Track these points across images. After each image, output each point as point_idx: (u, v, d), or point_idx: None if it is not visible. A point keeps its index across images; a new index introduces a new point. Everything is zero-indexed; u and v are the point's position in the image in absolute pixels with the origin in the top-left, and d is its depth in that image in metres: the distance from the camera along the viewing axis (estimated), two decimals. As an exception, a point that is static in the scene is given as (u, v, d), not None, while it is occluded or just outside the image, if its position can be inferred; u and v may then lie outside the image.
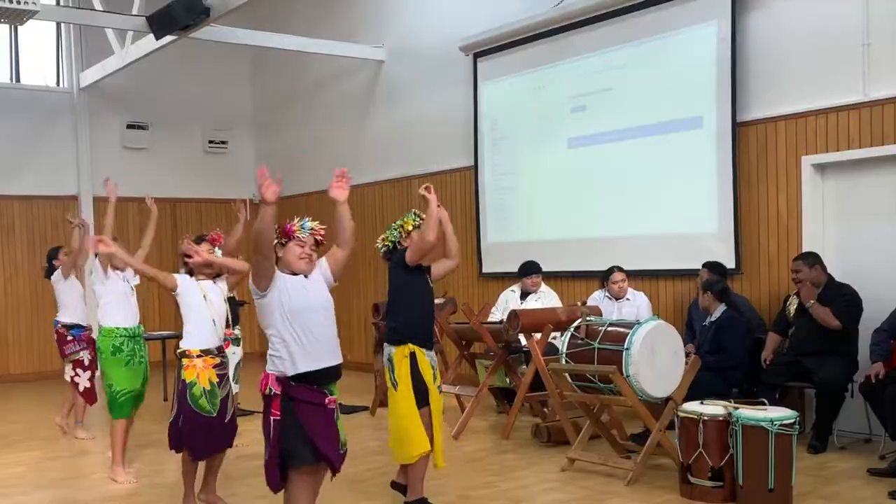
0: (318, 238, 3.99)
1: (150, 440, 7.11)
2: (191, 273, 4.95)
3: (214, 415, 4.78)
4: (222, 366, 4.89)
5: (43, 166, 11.57)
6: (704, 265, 7.01)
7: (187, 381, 4.74)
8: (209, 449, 4.88)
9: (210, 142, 12.83)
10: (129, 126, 12.13)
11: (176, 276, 4.98)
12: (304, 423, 3.71)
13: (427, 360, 4.83)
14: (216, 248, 6.01)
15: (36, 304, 11.39)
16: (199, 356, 4.79)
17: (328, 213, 12.42)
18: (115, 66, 10.68)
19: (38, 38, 11.91)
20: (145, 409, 6.33)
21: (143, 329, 6.28)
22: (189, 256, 4.89)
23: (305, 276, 3.91)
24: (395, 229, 5.03)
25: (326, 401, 3.79)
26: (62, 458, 6.60)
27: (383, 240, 5.06)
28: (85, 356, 7.23)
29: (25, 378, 11.26)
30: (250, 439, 6.22)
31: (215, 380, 4.80)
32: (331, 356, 3.81)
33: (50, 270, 7.52)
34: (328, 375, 3.81)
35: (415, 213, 5.03)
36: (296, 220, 3.96)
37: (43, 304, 11.31)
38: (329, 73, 11.68)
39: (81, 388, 7.19)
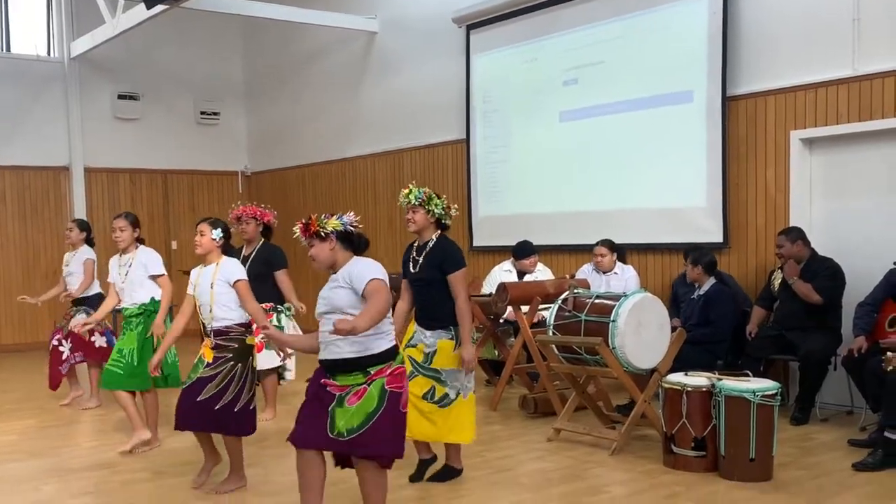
0: (314, 230, 3.83)
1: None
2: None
3: (184, 385, 4.76)
4: (217, 347, 4.74)
5: (33, 137, 11.52)
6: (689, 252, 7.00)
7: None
8: (184, 421, 4.77)
9: (202, 113, 12.77)
10: (121, 96, 12.06)
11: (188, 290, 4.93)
12: (302, 406, 3.85)
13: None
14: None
15: (27, 274, 11.40)
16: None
17: (319, 186, 12.47)
18: (106, 36, 10.62)
19: (29, 6, 11.83)
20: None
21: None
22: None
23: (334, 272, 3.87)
24: (441, 205, 4.82)
25: (324, 381, 3.80)
26: (55, 427, 6.65)
27: (430, 204, 4.80)
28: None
29: (18, 348, 11.28)
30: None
31: (208, 359, 4.75)
32: (328, 351, 3.81)
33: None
34: (331, 367, 3.80)
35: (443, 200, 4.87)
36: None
37: (34, 275, 11.36)
38: (321, 45, 11.62)
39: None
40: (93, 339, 7.18)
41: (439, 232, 4.85)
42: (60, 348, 7.30)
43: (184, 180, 12.70)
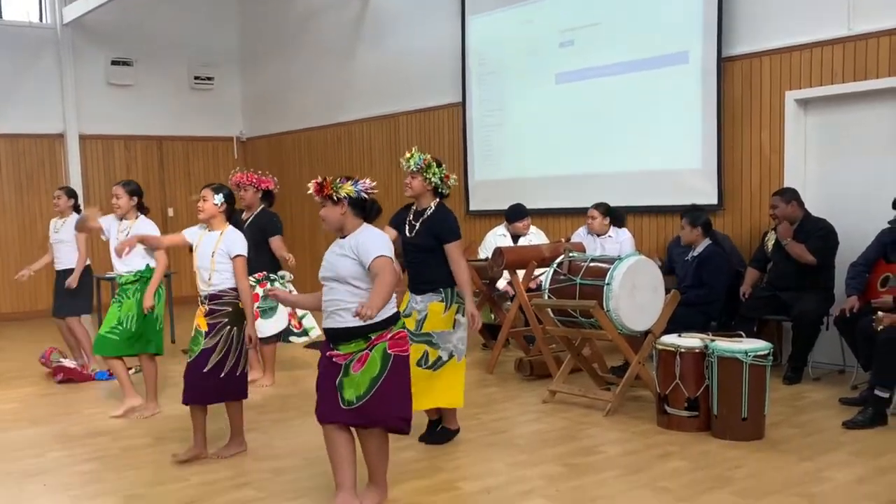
0: (327, 193, 3.83)
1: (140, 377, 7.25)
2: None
3: (190, 359, 4.78)
4: (210, 313, 4.76)
5: (27, 104, 11.46)
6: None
7: None
8: (190, 396, 4.79)
9: (196, 78, 12.69)
10: (114, 62, 11.98)
11: (184, 232, 5.02)
12: (317, 382, 3.93)
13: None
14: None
15: (24, 242, 11.42)
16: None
17: (315, 151, 12.43)
18: (99, 1, 10.52)
19: (19, -28, 11.72)
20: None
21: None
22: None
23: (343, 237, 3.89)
24: (439, 175, 4.83)
25: (329, 353, 3.86)
26: (55, 395, 6.71)
27: (428, 171, 4.81)
28: None
29: (16, 317, 11.35)
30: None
31: (203, 328, 4.79)
32: (330, 320, 3.84)
33: None
34: (333, 336, 3.85)
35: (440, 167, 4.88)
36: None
37: (31, 243, 11.37)
38: (316, 8, 11.52)
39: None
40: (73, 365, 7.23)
41: (438, 200, 4.87)
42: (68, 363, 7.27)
43: (179, 147, 12.66)
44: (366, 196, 3.86)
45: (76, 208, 7.50)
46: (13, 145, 11.45)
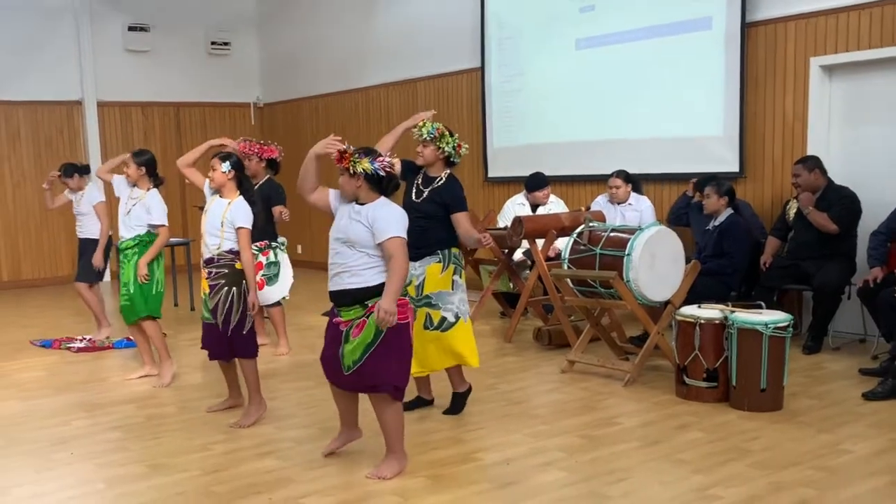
0: (346, 166, 3.89)
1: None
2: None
3: (212, 321, 4.94)
4: (212, 276, 4.92)
5: (46, 71, 11.45)
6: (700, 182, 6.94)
7: None
8: (211, 353, 5.06)
9: (213, 43, 12.62)
10: (131, 28, 11.92)
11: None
12: (323, 348, 4.12)
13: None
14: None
15: (43, 209, 11.44)
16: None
17: (332, 117, 12.40)
18: (114, -33, 10.47)
19: (34, -63, 11.62)
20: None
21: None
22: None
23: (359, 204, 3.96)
24: (452, 144, 4.83)
25: (335, 320, 3.99)
26: (79, 363, 6.79)
27: (441, 141, 4.81)
28: None
29: (37, 283, 11.47)
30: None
31: (206, 290, 4.96)
32: (333, 283, 3.95)
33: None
34: (335, 298, 3.96)
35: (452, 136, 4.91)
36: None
37: (51, 211, 11.40)
38: (332, -28, 11.41)
39: None
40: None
41: (448, 171, 4.88)
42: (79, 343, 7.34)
43: (196, 113, 12.64)
44: (382, 174, 3.89)
45: (81, 171, 7.58)
46: (32, 112, 11.48)
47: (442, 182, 4.83)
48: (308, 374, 6.11)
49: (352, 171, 3.87)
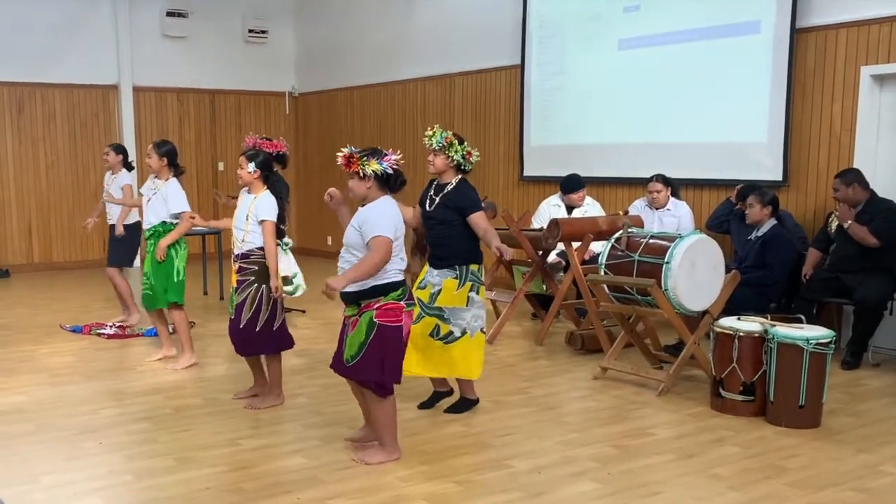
0: (356, 170, 4.03)
1: (194, 333, 7.32)
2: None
3: (232, 317, 5.07)
4: (241, 272, 5.01)
5: (83, 54, 11.49)
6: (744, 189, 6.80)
7: None
8: (235, 349, 5.17)
9: (250, 31, 12.58)
10: (169, 14, 11.92)
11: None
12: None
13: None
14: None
15: (77, 192, 11.56)
16: None
17: (367, 109, 12.33)
18: (155, -48, 10.46)
19: (76, -80, 11.66)
20: (188, 304, 6.46)
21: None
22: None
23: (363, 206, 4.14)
24: (461, 152, 4.84)
25: (344, 316, 4.21)
26: (110, 350, 6.80)
27: (450, 149, 4.83)
28: None
29: (67, 266, 11.53)
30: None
31: (234, 284, 5.08)
32: None
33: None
34: (341, 298, 4.08)
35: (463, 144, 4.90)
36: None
37: (84, 193, 11.52)
38: (373, -39, 11.34)
39: None
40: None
41: (460, 177, 4.90)
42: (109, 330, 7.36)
43: (231, 100, 12.64)
44: (391, 172, 4.02)
45: (127, 165, 7.59)
46: (68, 96, 11.52)
47: (452, 187, 4.87)
48: (337, 370, 6.06)
49: (362, 174, 4.00)
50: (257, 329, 4.99)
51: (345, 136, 12.01)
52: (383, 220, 3.97)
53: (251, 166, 5.00)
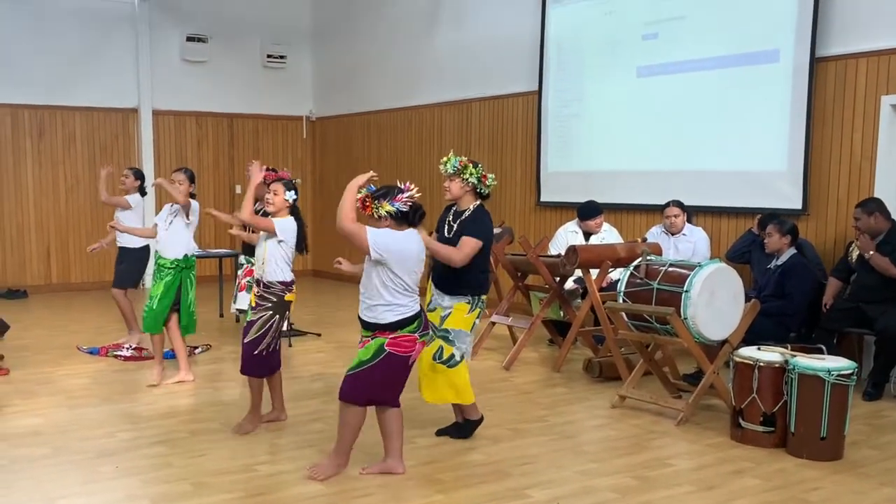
0: (370, 213, 4.18)
1: (210, 357, 7.33)
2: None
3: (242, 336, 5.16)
4: (260, 297, 5.09)
5: (103, 78, 11.61)
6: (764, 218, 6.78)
7: None
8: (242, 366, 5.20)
9: (268, 56, 12.70)
10: (189, 38, 12.04)
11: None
12: None
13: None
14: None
15: (96, 215, 11.61)
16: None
17: (384, 134, 12.40)
18: (177, -23, 10.59)
19: (100, -54, 11.83)
20: (204, 326, 6.52)
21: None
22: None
23: None
24: (477, 175, 4.86)
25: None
26: (126, 371, 6.81)
27: (465, 172, 4.85)
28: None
29: (85, 287, 11.58)
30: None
31: (252, 304, 5.15)
32: (360, 306, 4.25)
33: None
34: (361, 323, 4.25)
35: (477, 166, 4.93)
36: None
37: (103, 216, 11.52)
38: (391, -12, 11.43)
39: None
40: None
41: (478, 202, 4.90)
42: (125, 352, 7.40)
43: (249, 124, 12.73)
44: (405, 209, 4.09)
45: (141, 190, 7.66)
46: (88, 119, 11.64)
47: (470, 213, 4.87)
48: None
49: (376, 216, 4.11)
50: (255, 352, 5.06)
51: (361, 160, 12.07)
52: (384, 232, 4.07)
53: (290, 195, 5.13)
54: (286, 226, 5.09)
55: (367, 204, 4.15)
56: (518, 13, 9.52)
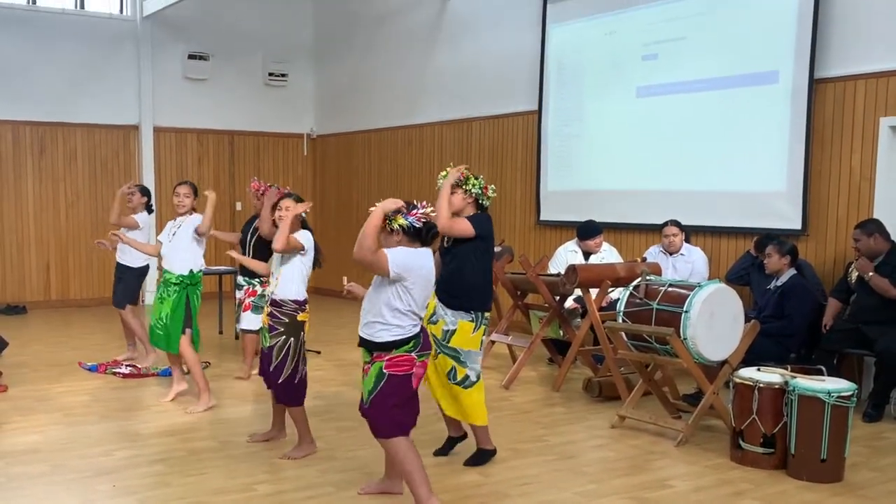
0: (384, 224, 4.01)
1: (209, 374, 7.29)
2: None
3: (265, 351, 5.08)
4: (272, 316, 5.02)
5: (105, 95, 11.66)
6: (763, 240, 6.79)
7: None
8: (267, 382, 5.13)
9: (270, 74, 12.75)
10: (191, 56, 12.09)
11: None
12: None
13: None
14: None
15: (96, 230, 11.58)
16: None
17: (385, 152, 12.47)
18: (179, -5, 10.65)
19: (103, -35, 11.92)
20: (203, 343, 6.49)
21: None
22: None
23: None
24: (479, 185, 4.85)
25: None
26: (125, 389, 6.79)
27: (467, 184, 4.82)
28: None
29: (85, 304, 11.58)
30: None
31: (265, 325, 5.09)
32: (359, 326, 4.12)
33: None
34: (360, 341, 4.13)
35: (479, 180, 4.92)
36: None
37: (103, 231, 11.50)
38: (393, 8, 11.48)
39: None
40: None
41: (479, 212, 4.89)
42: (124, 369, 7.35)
43: (250, 141, 12.76)
44: (419, 225, 3.99)
45: (148, 207, 7.64)
46: (89, 135, 11.67)
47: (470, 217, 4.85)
48: (352, 414, 6.00)
49: (389, 229, 3.99)
50: (280, 381, 4.97)
51: (362, 177, 12.10)
52: (397, 251, 3.95)
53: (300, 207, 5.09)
54: (307, 238, 5.09)
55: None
56: (518, 33, 9.57)
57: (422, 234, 4.01)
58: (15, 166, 11.24)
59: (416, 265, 3.97)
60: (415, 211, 4.01)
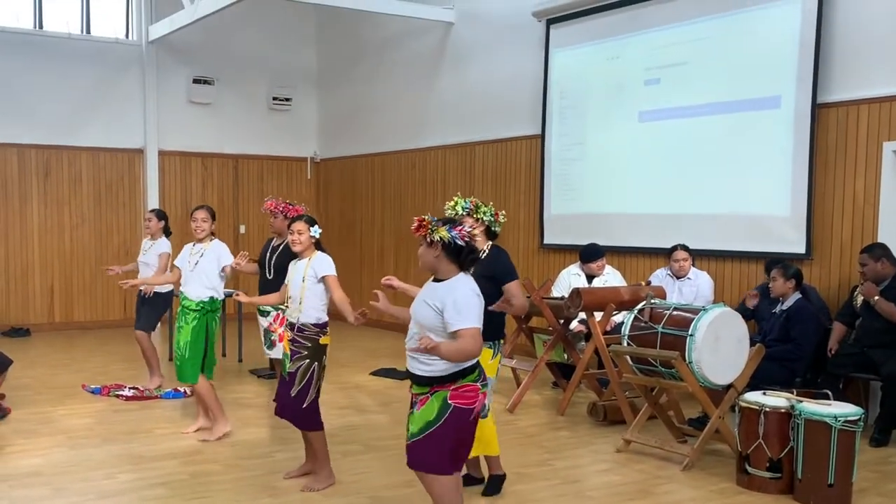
0: (423, 234, 3.72)
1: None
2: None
3: (286, 378, 4.93)
4: (294, 342, 4.91)
5: (110, 119, 11.71)
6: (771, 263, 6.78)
7: None
8: (276, 408, 5.01)
9: (274, 98, 12.82)
10: (196, 81, 12.16)
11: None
12: None
13: None
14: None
15: (100, 253, 11.65)
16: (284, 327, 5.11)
17: (388, 176, 12.49)
18: (185, 21, 10.71)
19: (110, -11, 12.03)
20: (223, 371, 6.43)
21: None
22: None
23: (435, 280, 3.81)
24: (489, 213, 4.84)
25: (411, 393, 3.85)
26: (128, 412, 6.76)
27: (478, 212, 4.81)
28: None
29: (88, 326, 11.56)
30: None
31: (287, 352, 4.95)
32: (408, 361, 3.80)
33: None
34: (409, 375, 3.83)
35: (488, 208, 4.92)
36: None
37: (107, 254, 11.60)
38: (396, 34, 11.56)
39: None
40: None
41: (490, 243, 4.88)
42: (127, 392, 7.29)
43: (254, 165, 12.81)
44: (461, 243, 3.69)
45: (166, 230, 7.63)
46: (94, 158, 11.71)
47: (487, 254, 4.81)
48: (356, 437, 6.01)
49: (429, 241, 3.69)
50: (304, 405, 4.84)
51: (365, 201, 12.12)
52: (467, 307, 3.60)
53: (315, 230, 4.98)
54: (330, 265, 4.98)
55: (424, 225, 3.71)
56: (521, 58, 9.63)
57: (460, 253, 3.70)
58: (20, 189, 11.28)
59: (481, 307, 3.69)
60: (460, 227, 3.73)
